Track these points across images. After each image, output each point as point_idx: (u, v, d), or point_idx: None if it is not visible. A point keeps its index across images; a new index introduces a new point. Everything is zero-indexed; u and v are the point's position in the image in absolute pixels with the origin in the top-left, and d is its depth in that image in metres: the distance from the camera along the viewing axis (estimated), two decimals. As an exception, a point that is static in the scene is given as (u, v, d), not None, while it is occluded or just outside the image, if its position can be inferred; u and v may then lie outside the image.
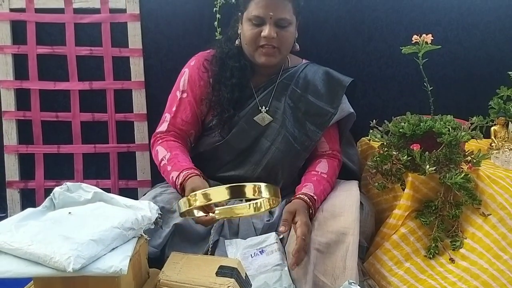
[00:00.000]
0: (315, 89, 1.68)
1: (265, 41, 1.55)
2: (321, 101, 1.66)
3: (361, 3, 1.95)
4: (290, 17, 1.56)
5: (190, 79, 1.66)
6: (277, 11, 1.53)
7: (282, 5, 1.54)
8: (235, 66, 1.63)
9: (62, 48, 1.92)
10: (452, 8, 1.95)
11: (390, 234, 1.49)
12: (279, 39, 1.55)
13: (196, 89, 1.65)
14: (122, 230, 1.14)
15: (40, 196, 1.98)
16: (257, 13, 1.53)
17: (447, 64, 1.97)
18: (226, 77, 1.63)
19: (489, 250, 1.37)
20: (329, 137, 1.69)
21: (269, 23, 1.53)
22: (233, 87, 1.62)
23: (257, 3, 1.53)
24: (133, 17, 1.91)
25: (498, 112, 1.71)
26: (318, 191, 1.51)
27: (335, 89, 1.68)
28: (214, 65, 1.65)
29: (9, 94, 1.92)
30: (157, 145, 1.62)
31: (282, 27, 1.55)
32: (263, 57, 1.58)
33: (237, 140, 1.63)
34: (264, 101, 1.66)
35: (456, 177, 1.41)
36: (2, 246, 1.07)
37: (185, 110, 1.64)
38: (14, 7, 1.89)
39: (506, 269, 1.32)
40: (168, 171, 1.53)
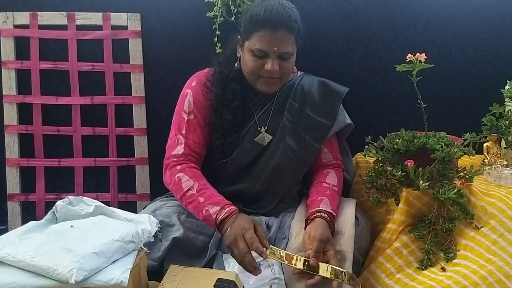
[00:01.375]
0: (312, 102, 1.68)
1: (267, 74, 1.54)
2: (319, 115, 1.66)
3: (357, 21, 1.99)
4: (293, 49, 1.55)
5: (195, 100, 1.64)
6: (281, 46, 1.51)
7: (286, 39, 1.51)
8: (237, 88, 1.62)
9: (64, 63, 1.96)
10: (446, 28, 1.99)
11: (384, 248, 1.52)
12: (281, 70, 1.54)
13: (202, 110, 1.64)
14: (123, 243, 1.17)
15: (40, 209, 2.00)
16: (261, 47, 1.51)
17: (440, 81, 2.00)
18: (229, 99, 1.61)
19: (480, 256, 1.40)
20: (331, 147, 1.71)
21: (272, 57, 1.51)
22: (236, 110, 1.62)
23: (261, 37, 1.50)
24: (134, 34, 1.96)
25: (490, 129, 1.73)
26: (335, 207, 1.53)
27: (331, 101, 1.69)
28: (215, 87, 1.64)
29: (11, 108, 1.96)
30: (178, 172, 1.54)
31: (285, 59, 1.54)
32: (265, 86, 1.57)
33: (239, 159, 1.64)
34: (263, 120, 1.66)
35: (449, 192, 1.44)
36: (6, 258, 1.10)
37: (196, 132, 1.62)
38: (18, 23, 1.93)
39: (495, 269, 1.35)
40: (201, 203, 1.47)
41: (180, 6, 1.96)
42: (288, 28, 1.50)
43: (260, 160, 1.65)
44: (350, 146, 1.85)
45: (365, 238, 1.56)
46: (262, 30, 1.49)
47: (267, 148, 1.65)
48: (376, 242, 1.57)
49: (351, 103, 1.91)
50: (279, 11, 1.49)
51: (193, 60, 1.81)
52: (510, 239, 1.38)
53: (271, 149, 1.64)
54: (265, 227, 1.55)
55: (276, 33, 1.49)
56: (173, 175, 1.55)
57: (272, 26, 1.48)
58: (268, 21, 1.48)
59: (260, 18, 1.49)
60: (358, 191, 1.75)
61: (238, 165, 1.65)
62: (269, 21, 1.48)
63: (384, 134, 1.65)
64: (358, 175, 1.77)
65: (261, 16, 1.49)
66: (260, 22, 1.49)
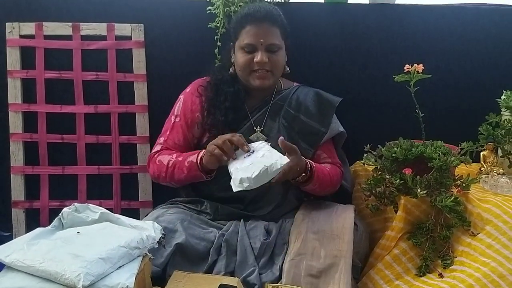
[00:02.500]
0: (306, 110, 1.76)
1: (258, 66, 1.65)
2: (313, 121, 1.74)
3: (356, 32, 2.03)
4: (279, 41, 1.67)
5: (183, 105, 1.76)
6: (267, 38, 1.64)
7: (271, 31, 1.65)
8: (229, 91, 1.72)
9: (69, 73, 1.99)
10: (443, 39, 2.03)
11: (383, 254, 1.55)
12: (271, 63, 1.65)
13: (188, 113, 1.74)
14: (128, 249, 1.21)
15: (44, 216, 2.02)
16: (249, 41, 1.64)
17: (438, 91, 2.03)
18: (220, 101, 1.71)
19: (475, 260, 1.42)
20: (329, 152, 1.78)
21: (260, 49, 1.64)
22: (227, 110, 1.70)
23: (248, 31, 1.64)
24: (138, 44, 1.99)
25: (487, 138, 1.75)
26: (318, 165, 1.65)
27: (325, 109, 1.78)
28: (209, 91, 1.74)
29: (17, 117, 1.99)
30: (157, 158, 1.69)
31: (273, 52, 1.66)
32: (258, 80, 1.67)
33: None
34: (258, 122, 1.74)
35: (447, 200, 1.47)
36: (15, 263, 1.13)
37: (177, 133, 1.73)
38: (24, 33, 1.96)
39: (489, 271, 1.37)
40: (181, 161, 1.62)
41: (182, 17, 2.00)
42: (272, 21, 1.66)
43: None
44: (349, 154, 1.89)
45: (364, 244, 1.59)
46: (248, 25, 1.65)
47: None
48: (375, 249, 1.60)
49: (350, 112, 1.95)
50: (260, 6, 1.69)
51: (195, 70, 1.84)
52: (504, 242, 1.40)
53: None
54: (265, 233, 1.59)
55: (261, 25, 1.64)
56: (154, 162, 1.70)
57: (256, 20, 1.64)
58: (252, 16, 1.65)
59: (244, 15, 1.67)
60: (357, 199, 1.78)
61: None
62: (252, 15, 1.65)
63: (383, 143, 1.68)
64: (357, 183, 1.80)
65: (245, 13, 1.67)
66: (245, 18, 1.66)
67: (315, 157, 1.74)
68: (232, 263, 1.50)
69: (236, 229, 1.59)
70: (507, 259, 1.37)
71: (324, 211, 1.63)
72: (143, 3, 2.01)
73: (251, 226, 1.62)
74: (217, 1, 1.92)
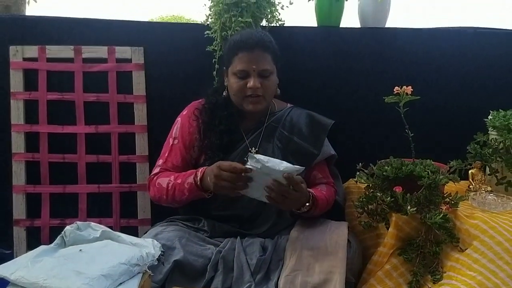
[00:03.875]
0: (300, 132, 1.82)
1: (251, 92, 1.69)
2: (306, 143, 1.79)
3: (348, 55, 2.10)
4: (271, 67, 1.72)
5: (181, 127, 1.81)
6: (259, 64, 1.69)
7: (262, 58, 1.70)
8: (223, 114, 1.77)
9: (71, 94, 2.05)
10: (433, 60, 2.10)
11: (376, 270, 1.59)
12: (263, 88, 1.70)
13: (186, 135, 1.79)
14: (129, 266, 1.25)
15: (45, 234, 2.06)
16: (241, 68, 1.69)
17: (427, 111, 2.08)
18: (215, 124, 1.76)
19: (462, 274, 1.45)
20: (323, 172, 1.83)
21: (253, 75, 1.68)
22: (222, 134, 1.75)
23: (240, 58, 1.69)
24: (138, 67, 2.06)
25: (475, 157, 1.79)
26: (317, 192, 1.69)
27: (317, 132, 1.83)
28: (203, 115, 1.79)
29: (19, 137, 2.04)
30: (156, 180, 1.74)
31: (265, 77, 1.71)
32: (251, 105, 1.72)
33: None
34: (253, 143, 1.79)
35: (436, 217, 1.51)
36: (19, 280, 1.17)
37: (176, 155, 1.78)
38: (27, 56, 2.02)
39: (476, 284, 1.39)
40: (180, 183, 1.66)
41: (181, 41, 2.07)
42: (263, 47, 1.70)
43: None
44: (342, 172, 1.94)
45: (357, 260, 1.63)
46: (240, 52, 1.69)
47: None
48: (368, 265, 1.64)
49: (343, 132, 2.01)
50: (252, 33, 1.73)
51: (193, 92, 1.89)
52: (490, 257, 1.43)
53: None
54: (261, 249, 1.63)
55: (253, 52, 1.68)
56: (153, 185, 1.74)
57: (248, 47, 1.68)
58: (244, 43, 1.69)
59: (237, 42, 1.70)
60: (350, 215, 1.83)
61: None
62: (245, 42, 1.69)
63: (374, 162, 1.73)
64: (350, 200, 1.85)
65: (238, 40, 1.71)
66: (237, 46, 1.70)
67: (311, 178, 1.80)
68: (229, 279, 1.54)
69: (233, 246, 1.63)
70: (493, 273, 1.40)
71: (319, 228, 1.68)
72: (143, 26, 2.09)
73: (248, 242, 1.66)
74: (214, 25, 1.98)
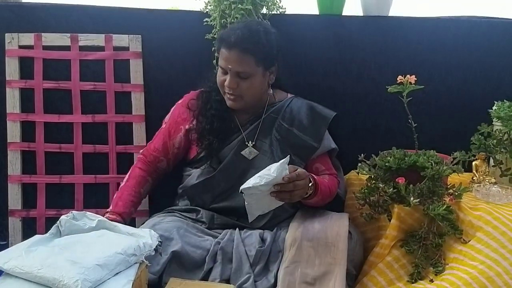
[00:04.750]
0: (300, 124, 1.78)
1: (227, 90, 1.67)
2: (306, 135, 1.76)
3: (350, 44, 2.06)
4: (251, 69, 1.63)
5: (172, 114, 1.84)
6: (235, 65, 1.62)
7: (240, 59, 1.61)
8: (216, 99, 1.75)
9: (67, 83, 2.01)
10: (436, 50, 2.06)
11: (377, 262, 1.57)
12: (240, 88, 1.65)
13: (173, 124, 1.81)
14: (125, 256, 1.22)
15: (41, 224, 2.03)
16: (221, 64, 1.66)
17: (431, 101, 2.06)
18: (206, 108, 1.75)
19: (465, 264, 1.44)
20: (326, 164, 1.81)
21: (230, 74, 1.64)
22: (213, 118, 1.74)
23: (221, 54, 1.65)
24: (135, 55, 2.02)
25: (479, 148, 1.77)
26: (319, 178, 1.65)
27: (318, 124, 1.79)
28: (199, 102, 1.78)
29: (15, 126, 2.00)
30: (131, 169, 1.82)
31: (243, 78, 1.64)
32: (229, 101, 1.70)
33: (227, 172, 1.72)
34: (250, 136, 1.76)
35: (439, 208, 1.50)
36: (13, 270, 1.14)
37: (159, 139, 1.83)
38: (23, 44, 1.98)
39: (478, 274, 1.38)
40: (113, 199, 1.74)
41: (180, 28, 2.03)
42: (242, 49, 1.61)
43: (249, 175, 1.71)
44: (343, 164, 1.91)
45: (358, 252, 1.61)
46: (222, 48, 1.65)
47: (254, 164, 1.72)
48: (369, 257, 1.62)
49: (344, 123, 1.98)
50: (237, 33, 1.61)
51: (192, 81, 1.87)
52: (493, 246, 1.42)
53: (259, 164, 1.70)
54: (260, 241, 1.61)
55: (230, 52, 1.62)
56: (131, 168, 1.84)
57: (227, 45, 1.63)
58: (224, 41, 1.63)
59: (220, 37, 1.67)
60: (351, 207, 1.80)
61: (227, 179, 1.72)
62: (225, 40, 1.63)
63: (377, 153, 1.71)
64: (351, 191, 1.83)
65: (222, 36, 1.66)
66: (220, 40, 1.67)
67: (314, 170, 1.76)
68: (227, 271, 1.52)
69: (232, 237, 1.61)
70: (495, 262, 1.39)
71: (319, 220, 1.65)
72: (140, 14, 2.04)
73: (246, 234, 1.64)
74: (213, 13, 1.94)
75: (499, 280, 1.35)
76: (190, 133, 1.79)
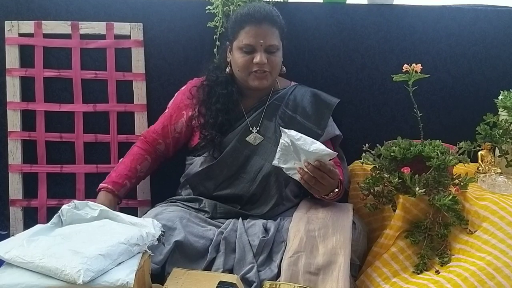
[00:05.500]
0: (303, 111, 1.77)
1: (257, 67, 1.66)
2: (309, 123, 1.75)
3: (354, 32, 2.04)
4: (278, 42, 1.69)
5: (174, 101, 1.85)
6: (267, 39, 1.65)
7: (270, 32, 1.66)
8: (222, 93, 1.74)
9: (68, 71, 1.99)
10: (441, 39, 2.04)
11: (381, 253, 1.56)
12: (269, 64, 1.67)
13: (175, 109, 1.81)
14: (128, 245, 1.21)
15: (42, 214, 2.02)
16: (248, 42, 1.65)
17: (436, 91, 2.05)
18: (211, 102, 1.74)
19: (471, 256, 1.43)
20: None
21: (259, 50, 1.65)
22: (218, 112, 1.72)
23: (247, 32, 1.65)
24: (136, 43, 2.00)
25: (484, 138, 1.76)
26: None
27: (322, 111, 1.79)
28: (201, 92, 1.77)
29: (15, 115, 1.98)
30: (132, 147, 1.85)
31: (272, 53, 1.67)
32: (257, 80, 1.69)
33: (230, 159, 1.71)
34: (255, 122, 1.75)
35: (445, 199, 1.48)
36: (14, 259, 1.13)
37: (160, 123, 1.84)
38: (23, 32, 1.96)
39: (485, 265, 1.36)
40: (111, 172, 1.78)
41: (181, 16, 2.00)
42: (271, 21, 1.66)
43: (253, 162, 1.71)
44: (348, 154, 1.89)
45: (362, 242, 1.60)
46: (247, 26, 1.65)
47: (258, 150, 1.72)
48: (373, 247, 1.60)
49: (349, 112, 1.96)
50: (260, 7, 1.69)
51: (194, 69, 1.85)
52: (500, 237, 1.40)
53: (263, 151, 1.71)
54: (263, 230, 1.60)
55: (261, 26, 1.64)
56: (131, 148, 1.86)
57: (256, 21, 1.64)
58: (252, 16, 1.64)
59: (244, 15, 1.66)
60: (355, 198, 1.79)
61: (230, 166, 1.71)
62: (252, 16, 1.65)
63: (381, 142, 1.69)
64: (355, 182, 1.81)
65: (245, 13, 1.66)
66: (244, 19, 1.66)
67: None
68: (230, 261, 1.51)
69: (235, 227, 1.60)
70: (502, 252, 1.37)
71: (322, 209, 1.63)
72: (142, 2, 2.01)
73: (250, 224, 1.62)
74: (216, 0, 1.92)
75: (507, 270, 1.34)
76: (192, 120, 1.77)
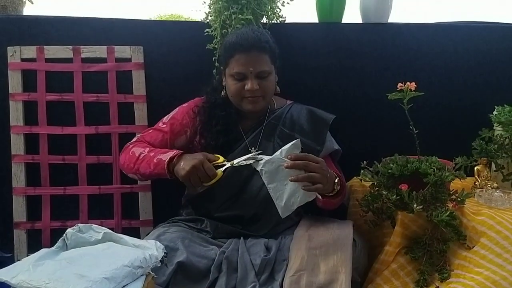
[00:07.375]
0: (301, 128, 1.80)
1: (249, 94, 1.68)
2: (308, 139, 1.76)
3: (350, 51, 2.08)
4: (269, 67, 1.70)
5: (174, 116, 1.83)
6: (256, 66, 1.66)
7: (259, 59, 1.67)
8: (221, 114, 1.76)
9: (70, 95, 2.02)
10: (436, 56, 2.08)
11: (382, 269, 1.58)
12: (261, 89, 1.68)
13: (177, 125, 1.80)
14: (132, 268, 1.23)
15: (46, 236, 2.04)
16: (238, 70, 1.66)
17: (432, 107, 2.07)
18: (212, 124, 1.75)
19: (470, 271, 1.44)
20: (329, 166, 1.77)
21: (250, 77, 1.66)
22: (218, 134, 1.74)
23: (237, 60, 1.66)
24: (137, 66, 2.03)
25: (480, 153, 1.78)
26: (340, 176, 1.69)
27: (319, 127, 1.81)
28: (201, 115, 1.78)
29: (18, 139, 2.01)
30: (131, 148, 1.75)
31: (263, 78, 1.69)
32: (250, 105, 1.71)
33: (230, 181, 1.71)
34: (253, 143, 1.77)
35: (442, 215, 1.50)
36: (21, 284, 1.15)
37: (157, 136, 1.79)
38: (25, 57, 2.00)
39: (483, 279, 1.38)
40: (152, 156, 1.66)
41: (181, 39, 2.05)
42: (260, 48, 1.66)
43: (253, 182, 1.73)
44: (346, 170, 1.90)
45: (363, 259, 1.61)
46: (237, 54, 1.66)
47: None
48: (374, 264, 1.62)
49: (346, 130, 1.99)
50: (248, 34, 1.68)
51: (194, 91, 1.87)
52: (497, 251, 1.42)
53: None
54: (265, 249, 1.61)
55: (249, 54, 1.65)
56: (127, 153, 1.75)
57: (244, 49, 1.65)
58: (240, 45, 1.66)
59: (233, 44, 1.67)
60: (355, 214, 1.81)
61: (230, 187, 1.72)
62: (241, 45, 1.66)
63: (379, 159, 1.71)
64: (354, 198, 1.83)
65: (234, 42, 1.67)
66: (233, 47, 1.67)
67: None
68: (233, 280, 1.51)
69: (236, 246, 1.61)
70: (500, 267, 1.39)
71: (323, 227, 1.65)
72: (142, 25, 2.06)
73: (251, 243, 1.64)
74: (214, 23, 1.96)
75: (505, 282, 1.36)
76: (193, 141, 1.79)
